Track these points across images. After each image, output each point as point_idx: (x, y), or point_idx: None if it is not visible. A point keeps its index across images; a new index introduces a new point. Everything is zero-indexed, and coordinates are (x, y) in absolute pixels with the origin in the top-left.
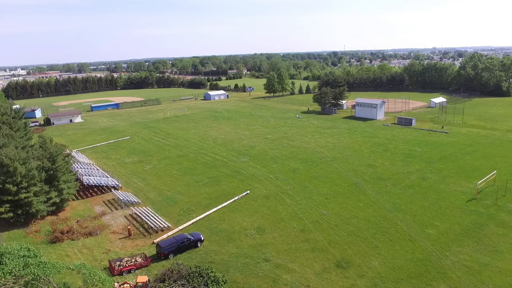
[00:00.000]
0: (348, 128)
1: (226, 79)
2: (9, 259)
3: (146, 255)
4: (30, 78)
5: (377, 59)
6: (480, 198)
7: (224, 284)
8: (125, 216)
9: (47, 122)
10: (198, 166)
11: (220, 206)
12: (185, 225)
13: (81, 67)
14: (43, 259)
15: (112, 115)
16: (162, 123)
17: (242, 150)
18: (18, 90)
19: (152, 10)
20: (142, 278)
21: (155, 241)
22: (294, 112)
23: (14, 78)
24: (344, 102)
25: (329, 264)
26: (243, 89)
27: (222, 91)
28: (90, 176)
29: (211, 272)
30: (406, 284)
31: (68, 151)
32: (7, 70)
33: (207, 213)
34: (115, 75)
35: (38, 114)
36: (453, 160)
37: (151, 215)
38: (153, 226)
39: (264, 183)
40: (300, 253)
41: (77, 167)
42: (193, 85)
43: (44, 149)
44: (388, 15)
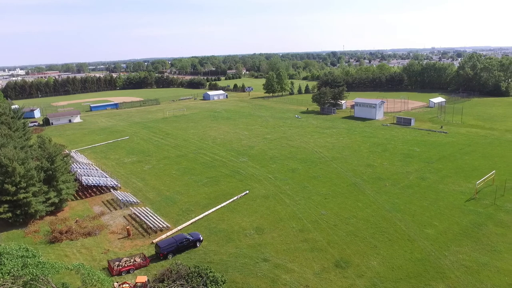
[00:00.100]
0: (347, 128)
1: (225, 79)
2: (7, 259)
3: (145, 255)
4: (29, 78)
5: (376, 59)
6: (478, 198)
7: (223, 284)
8: (124, 216)
9: (46, 122)
10: (197, 166)
11: (219, 206)
12: (184, 225)
13: (80, 67)
14: (42, 259)
15: (111, 115)
16: (161, 123)
17: (241, 150)
18: (17, 90)
19: (152, 10)
20: (141, 278)
21: (154, 241)
22: (293, 112)
23: (13, 78)
24: (343, 102)
25: (328, 264)
26: (242, 89)
27: (221, 91)
28: (89, 176)
29: (210, 272)
30: (405, 284)
31: (67, 151)
32: (6, 70)
33: (206, 213)
34: (114, 75)
35: (37, 114)
36: (452, 160)
37: (150, 215)
38: (152, 226)
39: (263, 183)
40: (299, 253)
41: (76, 167)
42: (192, 85)
43: (43, 149)
44: (387, 15)
